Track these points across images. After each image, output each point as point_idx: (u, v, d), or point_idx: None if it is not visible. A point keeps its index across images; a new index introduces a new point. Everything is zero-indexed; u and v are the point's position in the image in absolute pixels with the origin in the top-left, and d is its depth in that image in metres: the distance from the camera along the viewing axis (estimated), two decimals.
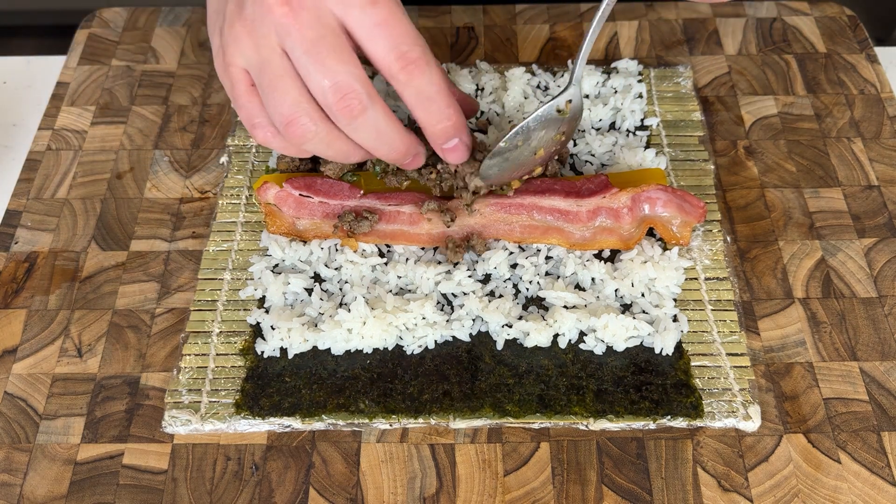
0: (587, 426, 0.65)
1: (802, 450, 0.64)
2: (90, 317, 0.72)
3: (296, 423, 0.65)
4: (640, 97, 0.85)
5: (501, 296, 0.72)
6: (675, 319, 0.70)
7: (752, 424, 0.65)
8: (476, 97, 0.85)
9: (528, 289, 0.72)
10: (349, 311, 0.68)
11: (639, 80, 0.86)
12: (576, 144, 0.81)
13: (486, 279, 0.73)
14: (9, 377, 0.69)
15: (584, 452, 0.64)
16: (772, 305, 0.72)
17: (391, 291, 0.72)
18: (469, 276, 0.72)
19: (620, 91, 0.85)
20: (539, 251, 0.74)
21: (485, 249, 0.73)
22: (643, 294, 0.71)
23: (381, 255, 0.74)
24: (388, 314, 0.68)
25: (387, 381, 0.67)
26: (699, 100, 0.87)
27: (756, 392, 0.66)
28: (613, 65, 0.88)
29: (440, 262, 0.73)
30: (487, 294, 0.72)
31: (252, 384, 0.67)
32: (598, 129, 0.83)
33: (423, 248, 0.74)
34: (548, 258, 0.74)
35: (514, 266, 0.73)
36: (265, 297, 0.72)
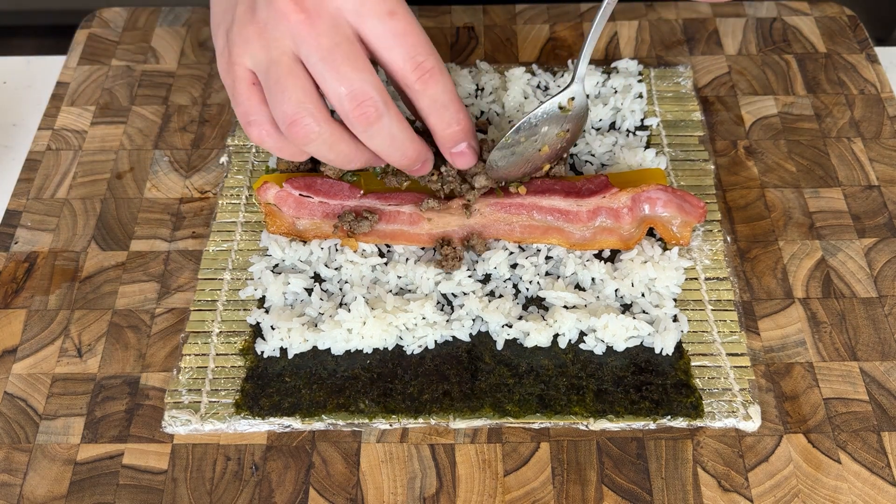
0: (587, 426, 0.65)
1: (802, 450, 0.64)
2: (90, 317, 0.72)
3: (296, 423, 0.65)
4: (640, 97, 0.85)
5: (501, 296, 0.72)
6: (675, 319, 0.70)
7: (753, 424, 0.65)
8: (476, 97, 0.85)
9: (528, 289, 0.72)
10: (349, 311, 0.68)
11: (639, 80, 0.86)
12: (576, 144, 0.81)
13: (486, 279, 0.73)
14: (9, 377, 0.69)
15: (584, 452, 0.64)
16: (772, 305, 0.72)
17: (391, 291, 0.72)
18: (469, 276, 0.72)
19: (620, 91, 0.85)
20: (539, 251, 0.74)
21: (485, 249, 0.73)
22: (643, 294, 0.71)
23: (381, 255, 0.74)
24: (388, 314, 0.68)
25: (387, 381, 0.67)
26: (699, 100, 0.87)
27: (756, 392, 0.66)
28: (613, 65, 0.88)
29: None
30: (487, 294, 0.72)
31: (252, 384, 0.67)
32: (598, 129, 0.83)
33: (423, 248, 0.74)
34: (548, 258, 0.74)
35: (514, 266, 0.73)
36: (265, 297, 0.72)
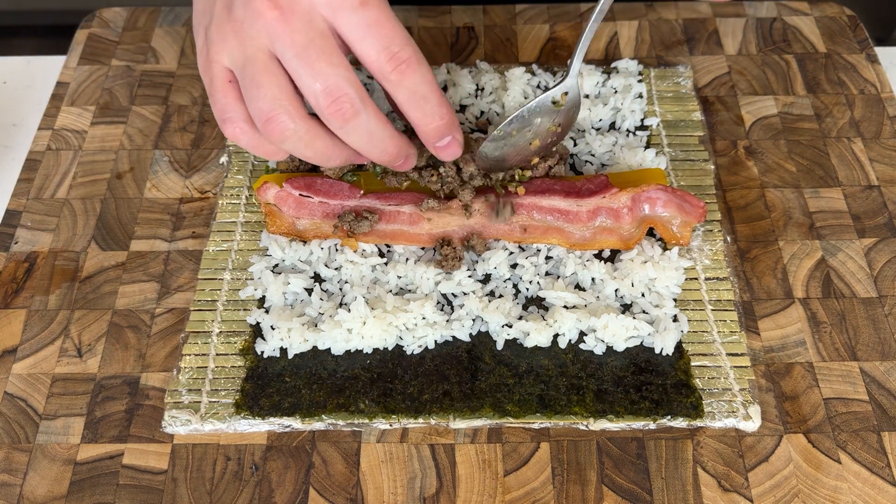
0: (587, 426, 0.65)
1: (802, 450, 0.64)
2: (90, 317, 0.72)
3: (296, 423, 0.65)
4: (640, 97, 0.85)
5: (501, 296, 0.72)
6: (675, 319, 0.70)
7: (753, 424, 0.65)
8: (476, 97, 0.85)
9: (528, 289, 0.72)
10: (349, 311, 0.68)
11: (639, 80, 0.86)
12: (576, 144, 0.81)
13: (486, 279, 0.73)
14: (9, 377, 0.69)
15: (584, 452, 0.64)
16: (772, 305, 0.72)
17: (391, 291, 0.72)
18: (469, 276, 0.72)
19: (620, 91, 0.85)
20: (539, 251, 0.74)
21: (485, 249, 0.73)
22: (643, 294, 0.71)
23: (381, 255, 0.74)
24: (388, 314, 0.68)
25: (387, 381, 0.67)
26: (699, 100, 0.87)
27: (756, 392, 0.66)
28: (613, 65, 0.88)
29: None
30: (487, 294, 0.72)
31: (252, 384, 0.67)
32: (598, 129, 0.83)
33: (423, 248, 0.74)
34: (548, 258, 0.74)
35: (514, 266, 0.73)
36: (265, 297, 0.72)
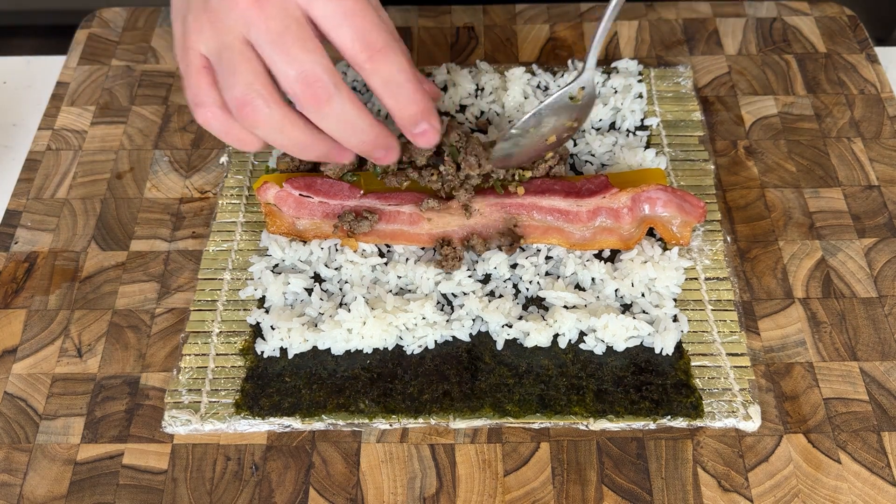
0: (587, 426, 0.65)
1: (802, 450, 0.64)
2: (90, 317, 0.72)
3: (296, 423, 0.65)
4: (640, 97, 0.85)
5: (501, 296, 0.72)
6: (675, 319, 0.70)
7: (753, 424, 0.65)
8: (476, 97, 0.85)
9: (528, 289, 0.72)
10: (349, 311, 0.68)
11: (639, 80, 0.86)
12: (576, 144, 0.81)
13: (486, 279, 0.73)
14: (9, 377, 0.69)
15: (584, 452, 0.64)
16: (772, 305, 0.72)
17: (391, 291, 0.72)
18: (469, 276, 0.72)
19: (620, 91, 0.85)
20: (539, 251, 0.74)
21: (485, 249, 0.73)
22: (643, 294, 0.71)
23: (381, 255, 0.74)
24: (388, 314, 0.68)
25: (387, 381, 0.67)
26: (699, 100, 0.87)
27: (756, 392, 0.66)
28: (613, 65, 0.88)
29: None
30: (487, 294, 0.72)
31: (252, 384, 0.67)
32: (598, 129, 0.83)
33: (423, 248, 0.74)
34: (548, 258, 0.74)
35: (514, 266, 0.73)
36: (265, 297, 0.72)
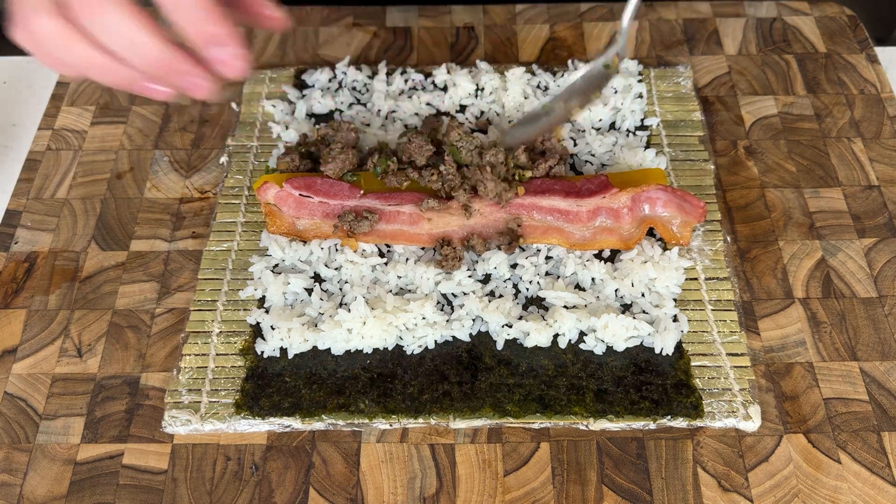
0: (587, 426, 0.65)
1: (802, 450, 0.64)
2: (90, 317, 0.72)
3: (296, 423, 0.65)
4: (640, 97, 0.85)
5: (501, 296, 0.72)
6: (675, 319, 0.70)
7: (753, 424, 0.65)
8: (476, 97, 0.85)
9: (528, 289, 0.72)
10: (349, 311, 0.68)
11: (639, 80, 0.86)
12: (576, 144, 0.81)
13: (486, 279, 0.73)
14: (9, 377, 0.69)
15: (584, 452, 0.64)
16: (772, 305, 0.72)
17: (391, 291, 0.72)
18: (469, 276, 0.72)
19: (620, 91, 0.85)
20: (539, 251, 0.74)
21: (485, 249, 0.73)
22: (643, 294, 0.71)
23: (381, 255, 0.74)
24: (388, 314, 0.68)
25: (387, 381, 0.67)
26: (699, 100, 0.86)
27: (756, 392, 0.66)
28: None
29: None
30: (487, 294, 0.72)
31: (252, 384, 0.67)
32: (598, 129, 0.83)
33: (423, 248, 0.74)
34: (548, 258, 0.74)
35: (514, 266, 0.73)
36: (265, 297, 0.72)
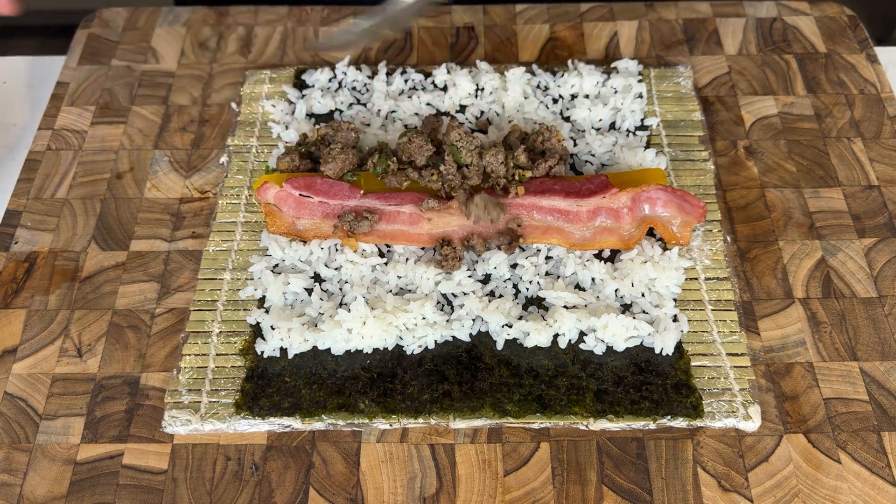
0: (587, 426, 0.65)
1: (802, 450, 0.64)
2: (90, 317, 0.72)
3: (296, 423, 0.65)
4: (640, 97, 0.85)
5: (501, 296, 0.72)
6: (675, 319, 0.70)
7: (752, 424, 0.65)
8: (476, 97, 0.85)
9: (528, 289, 0.72)
10: (349, 311, 0.68)
11: (639, 80, 0.86)
12: (576, 144, 0.81)
13: (486, 279, 0.73)
14: (9, 377, 0.69)
15: (584, 452, 0.64)
16: (772, 305, 0.72)
17: (391, 291, 0.72)
18: (469, 276, 0.72)
19: (620, 91, 0.85)
20: (539, 251, 0.74)
21: (484, 249, 0.73)
22: (643, 294, 0.71)
23: (381, 255, 0.74)
24: (388, 314, 0.68)
25: (387, 381, 0.67)
26: (699, 100, 0.87)
27: (756, 392, 0.66)
28: (613, 65, 0.88)
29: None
30: (487, 294, 0.72)
31: (252, 384, 0.67)
32: (598, 129, 0.83)
33: (423, 248, 0.74)
34: (548, 258, 0.74)
35: (514, 266, 0.73)
36: (265, 297, 0.72)
